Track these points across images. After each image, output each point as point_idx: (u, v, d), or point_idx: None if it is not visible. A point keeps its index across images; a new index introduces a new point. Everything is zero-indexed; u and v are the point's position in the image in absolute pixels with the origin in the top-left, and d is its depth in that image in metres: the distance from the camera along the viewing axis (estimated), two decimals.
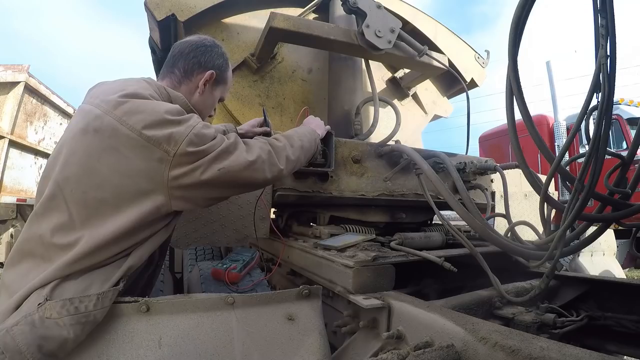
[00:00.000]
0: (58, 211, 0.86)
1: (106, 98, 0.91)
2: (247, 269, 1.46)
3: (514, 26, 0.92)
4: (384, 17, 2.04)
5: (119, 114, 0.87)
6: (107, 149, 0.86)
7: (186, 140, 0.88)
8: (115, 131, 0.86)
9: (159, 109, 0.90)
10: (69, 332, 0.77)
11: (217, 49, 1.17)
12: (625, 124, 6.38)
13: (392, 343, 0.96)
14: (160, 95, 1.01)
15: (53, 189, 0.87)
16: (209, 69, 1.14)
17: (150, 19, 2.10)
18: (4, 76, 5.18)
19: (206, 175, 0.91)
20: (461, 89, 2.87)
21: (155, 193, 0.89)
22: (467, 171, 1.84)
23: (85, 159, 0.86)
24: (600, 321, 1.33)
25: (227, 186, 0.99)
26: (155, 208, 0.89)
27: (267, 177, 1.04)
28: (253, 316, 0.93)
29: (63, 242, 0.84)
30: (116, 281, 0.87)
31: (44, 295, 0.78)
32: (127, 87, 0.94)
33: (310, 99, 2.52)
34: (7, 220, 5.73)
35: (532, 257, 1.17)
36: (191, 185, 0.91)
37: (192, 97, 1.14)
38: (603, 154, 0.86)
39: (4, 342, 0.73)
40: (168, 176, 0.88)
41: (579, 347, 0.70)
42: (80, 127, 0.89)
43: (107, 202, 0.86)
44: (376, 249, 1.30)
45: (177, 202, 0.93)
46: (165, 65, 1.16)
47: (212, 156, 0.92)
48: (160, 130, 0.87)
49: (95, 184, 0.85)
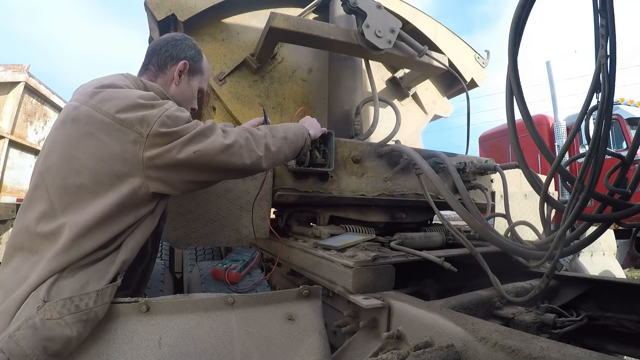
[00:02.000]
0: (41, 200, 0.88)
1: (84, 91, 0.95)
2: (247, 269, 1.46)
3: (514, 26, 0.92)
4: (384, 17, 2.04)
5: (94, 102, 0.91)
6: (84, 135, 0.89)
7: (158, 122, 0.90)
8: (91, 117, 0.89)
9: (132, 95, 0.94)
10: (72, 331, 0.78)
11: (187, 42, 1.22)
12: (625, 124, 6.38)
13: (392, 343, 0.96)
14: (137, 87, 1.04)
15: (36, 180, 0.90)
16: (182, 60, 1.19)
17: (150, 19, 2.10)
18: (4, 76, 5.17)
19: (181, 156, 0.91)
20: (461, 89, 2.87)
21: (131, 175, 0.90)
22: (467, 171, 1.84)
23: (65, 147, 0.89)
24: (600, 321, 1.33)
25: (203, 169, 0.99)
26: (132, 190, 0.90)
27: (245, 162, 1.03)
28: (253, 316, 0.93)
29: (45, 230, 0.85)
30: (113, 277, 0.87)
31: (41, 297, 0.78)
32: (103, 80, 0.99)
33: (310, 99, 2.52)
34: (7, 220, 5.72)
35: (532, 257, 1.17)
36: (166, 166, 0.92)
37: (170, 89, 1.18)
38: (603, 154, 0.86)
39: (9, 348, 0.73)
40: (143, 157, 0.89)
41: (579, 347, 0.70)
42: (60, 120, 0.94)
43: (85, 187, 0.87)
44: (376, 249, 1.30)
45: (154, 183, 0.93)
46: (142, 65, 1.21)
47: (186, 138, 0.92)
48: (133, 113, 0.90)
49: (73, 170, 0.87)
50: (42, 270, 0.81)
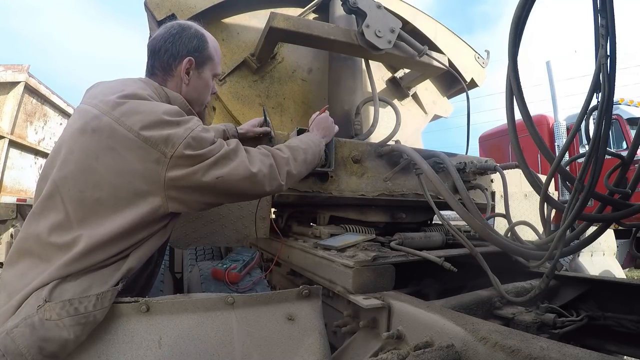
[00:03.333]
0: (55, 210, 0.86)
1: (105, 98, 0.91)
2: (247, 269, 1.46)
3: (514, 26, 0.92)
4: (384, 17, 2.04)
5: (117, 115, 0.87)
6: (104, 148, 0.86)
7: (184, 143, 0.87)
8: (113, 131, 0.86)
9: (157, 110, 0.90)
10: (70, 333, 0.77)
11: (186, 32, 1.11)
12: (625, 124, 6.38)
13: (392, 343, 0.96)
14: (159, 96, 1.01)
15: (50, 188, 0.87)
16: (185, 56, 1.09)
17: (150, 19, 2.10)
18: (4, 76, 5.17)
19: (204, 180, 0.90)
20: (461, 89, 2.87)
21: (151, 194, 0.89)
22: (467, 171, 1.84)
23: (83, 158, 0.86)
24: (600, 321, 1.33)
25: (224, 194, 0.99)
26: (152, 209, 0.89)
27: (265, 190, 1.04)
28: (253, 316, 0.93)
29: (60, 241, 0.84)
30: (116, 282, 0.87)
31: (43, 297, 0.78)
32: (126, 88, 0.94)
33: (310, 99, 2.52)
34: (7, 220, 5.72)
35: (532, 257, 1.17)
36: (187, 188, 0.91)
37: (182, 90, 1.12)
38: (603, 154, 0.86)
39: (4, 345, 0.73)
40: (165, 177, 0.88)
41: (579, 347, 0.70)
42: (77, 127, 0.89)
43: (103, 202, 0.86)
44: (376, 249, 1.30)
45: (173, 203, 0.92)
46: (146, 70, 1.14)
47: (210, 162, 0.91)
48: (158, 131, 0.87)
49: (92, 184, 0.85)
50: (49, 274, 0.81)
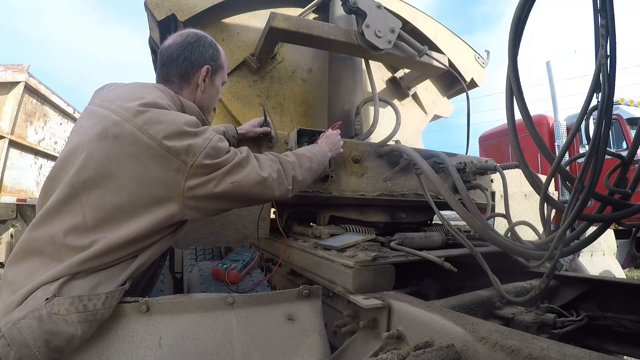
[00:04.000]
0: (72, 213, 0.87)
1: (125, 105, 0.93)
2: (247, 269, 1.46)
3: (514, 26, 0.92)
4: (384, 17, 2.04)
5: (139, 123, 0.89)
6: (126, 156, 0.88)
7: (204, 153, 0.92)
8: (136, 139, 0.88)
9: (179, 120, 0.93)
10: (77, 329, 0.78)
11: (203, 41, 1.16)
12: (625, 124, 6.38)
13: (392, 343, 0.96)
14: (175, 105, 1.03)
15: (68, 191, 0.87)
16: (203, 65, 1.14)
17: (150, 18, 2.10)
18: (4, 76, 5.17)
19: (220, 187, 0.95)
20: (461, 89, 2.87)
21: (170, 201, 0.92)
22: (467, 171, 1.84)
23: (104, 164, 0.88)
24: (600, 321, 1.34)
25: (237, 199, 1.03)
26: (169, 216, 0.93)
27: (274, 194, 1.08)
28: (253, 316, 0.93)
29: (76, 244, 0.85)
30: (123, 281, 0.88)
31: (52, 291, 0.79)
32: (145, 96, 0.96)
33: (310, 99, 2.52)
34: (7, 220, 5.72)
35: (532, 257, 1.17)
36: (205, 196, 0.95)
37: (196, 97, 1.16)
38: (603, 154, 0.86)
39: (11, 335, 0.73)
40: (184, 186, 0.91)
41: (579, 347, 0.70)
42: (97, 132, 0.90)
43: (122, 207, 0.88)
44: (376, 249, 1.30)
45: (189, 211, 0.96)
46: (159, 74, 1.15)
47: (226, 169, 0.96)
48: (180, 141, 0.90)
49: (112, 189, 0.87)
50: (59, 270, 0.82)
